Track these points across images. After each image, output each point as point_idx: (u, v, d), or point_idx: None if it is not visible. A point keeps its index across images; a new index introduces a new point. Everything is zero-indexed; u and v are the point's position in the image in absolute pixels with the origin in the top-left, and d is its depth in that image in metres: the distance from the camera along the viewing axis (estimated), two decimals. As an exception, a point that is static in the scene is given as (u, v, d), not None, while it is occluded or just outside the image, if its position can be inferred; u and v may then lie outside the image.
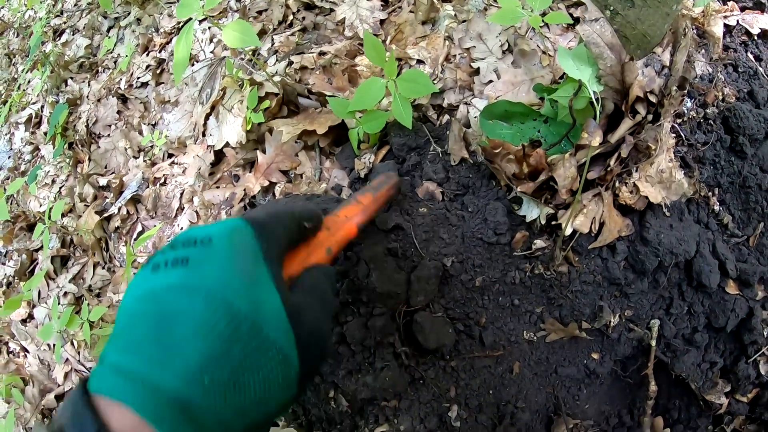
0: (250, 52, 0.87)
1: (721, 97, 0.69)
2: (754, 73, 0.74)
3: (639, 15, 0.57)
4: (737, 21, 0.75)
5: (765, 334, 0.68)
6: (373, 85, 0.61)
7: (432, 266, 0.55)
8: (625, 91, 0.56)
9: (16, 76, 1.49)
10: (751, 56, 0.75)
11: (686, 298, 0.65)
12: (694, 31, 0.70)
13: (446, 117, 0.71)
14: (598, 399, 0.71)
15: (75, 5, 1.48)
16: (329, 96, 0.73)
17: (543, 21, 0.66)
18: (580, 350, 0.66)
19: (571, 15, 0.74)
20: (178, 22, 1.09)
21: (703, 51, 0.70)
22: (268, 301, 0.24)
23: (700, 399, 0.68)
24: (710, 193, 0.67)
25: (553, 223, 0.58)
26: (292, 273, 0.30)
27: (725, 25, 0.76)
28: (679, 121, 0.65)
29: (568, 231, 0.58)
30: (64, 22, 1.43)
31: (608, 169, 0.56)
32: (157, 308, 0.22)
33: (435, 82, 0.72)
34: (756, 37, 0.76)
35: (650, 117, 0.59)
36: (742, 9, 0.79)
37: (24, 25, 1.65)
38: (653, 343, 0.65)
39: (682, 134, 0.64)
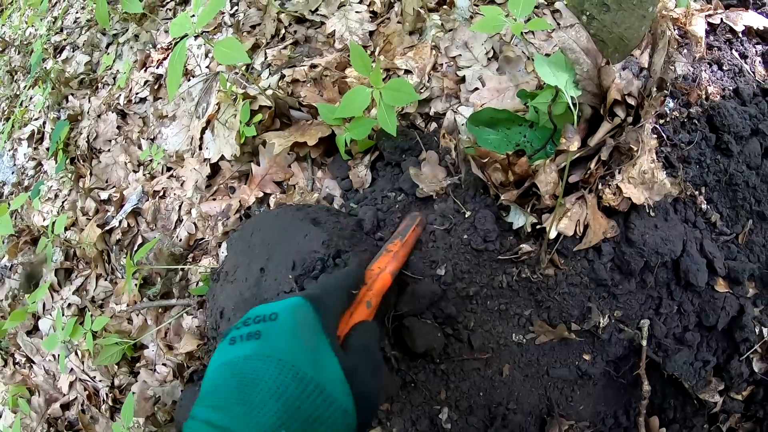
0: (244, 67, 0.91)
1: (704, 96, 0.71)
2: (740, 71, 0.76)
3: (615, 19, 0.60)
4: (721, 19, 0.78)
5: (757, 331, 0.69)
6: (358, 94, 0.64)
7: (429, 288, 0.58)
8: (603, 95, 0.59)
9: (18, 92, 1.56)
10: (736, 54, 0.77)
11: (675, 298, 0.67)
12: (676, 31, 0.73)
13: (433, 125, 0.74)
14: (592, 400, 0.73)
15: (74, 22, 1.55)
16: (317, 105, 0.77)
17: (525, 28, 0.69)
18: (571, 352, 0.68)
19: (556, 21, 0.77)
20: (175, 38, 1.14)
21: (685, 51, 0.73)
22: (328, 365, 0.30)
23: (694, 398, 0.70)
24: (697, 192, 0.69)
25: (538, 227, 0.61)
26: (342, 332, 0.36)
27: (709, 24, 0.78)
28: (661, 121, 0.67)
29: (553, 234, 0.60)
30: (64, 39, 1.50)
31: (589, 172, 0.59)
32: (239, 375, 0.28)
33: (422, 90, 0.76)
34: (740, 35, 0.78)
35: (630, 119, 0.61)
36: (727, 7, 0.81)
37: (25, 43, 1.72)
38: (644, 342, 0.67)
39: (665, 135, 0.67)
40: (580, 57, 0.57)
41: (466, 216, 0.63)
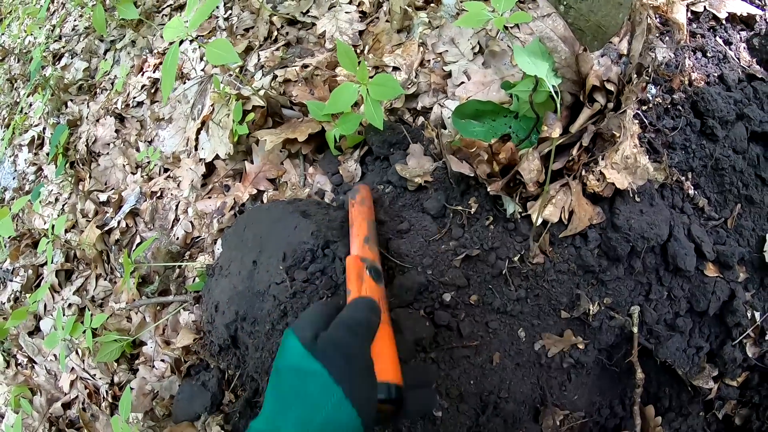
0: (237, 69, 0.95)
1: (688, 82, 0.73)
2: (724, 57, 0.78)
3: (591, 7, 0.62)
4: (704, 7, 0.80)
5: (749, 315, 0.70)
6: (346, 90, 0.67)
7: (415, 279, 0.60)
8: (582, 82, 0.61)
9: (18, 100, 1.61)
10: (720, 40, 0.79)
11: (665, 283, 0.69)
12: (657, 19, 0.75)
13: (421, 119, 0.77)
14: (587, 389, 0.74)
15: (73, 30, 1.60)
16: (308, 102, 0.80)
17: (508, 21, 0.71)
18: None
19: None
20: (170, 43, 1.18)
21: (667, 38, 0.75)
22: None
23: (688, 385, 0.70)
24: (683, 178, 0.71)
25: (523, 214, 0.63)
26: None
27: (692, 12, 0.80)
28: (644, 108, 0.69)
29: (539, 221, 0.62)
30: (63, 47, 1.54)
31: (572, 159, 0.61)
32: None
33: (409, 86, 0.78)
34: (724, 21, 0.80)
35: (612, 105, 0.63)
36: (711, -5, 0.83)
37: (24, 51, 1.78)
38: (635, 329, 0.68)
39: (648, 120, 0.69)
40: (558, 45, 0.59)
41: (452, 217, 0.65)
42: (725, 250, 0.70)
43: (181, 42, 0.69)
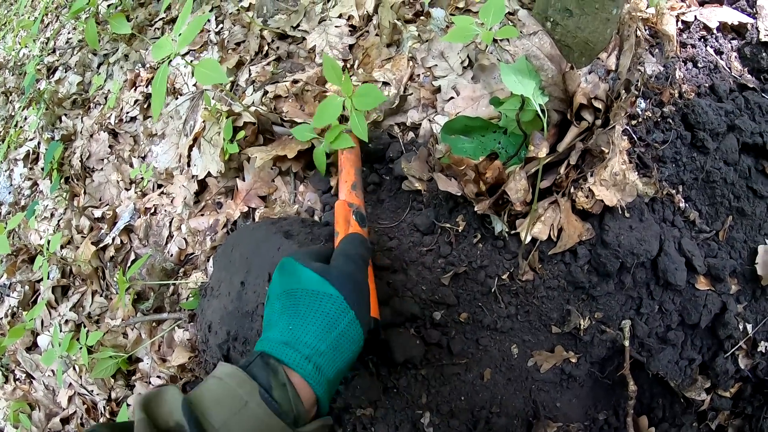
0: (228, 85, 0.96)
1: (678, 95, 0.74)
2: (715, 67, 0.78)
3: (578, 23, 0.63)
4: (695, 17, 0.80)
5: (741, 328, 0.71)
6: (331, 103, 0.67)
7: (409, 308, 0.62)
8: (570, 100, 0.62)
9: (13, 113, 1.64)
10: (711, 50, 0.80)
11: (655, 297, 0.70)
12: (647, 31, 0.76)
13: (411, 134, 0.78)
14: (581, 402, 0.75)
15: (66, 42, 1.62)
16: (299, 122, 0.81)
17: (496, 36, 0.73)
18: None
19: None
20: (161, 62, 1.20)
21: (657, 50, 0.76)
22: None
23: (681, 396, 0.72)
24: (674, 191, 0.72)
25: (512, 232, 0.64)
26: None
27: (683, 22, 0.81)
28: (633, 122, 0.70)
29: (528, 239, 0.63)
30: (57, 60, 1.57)
31: (560, 176, 0.62)
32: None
33: (395, 101, 0.79)
34: (715, 31, 0.80)
35: (600, 122, 0.64)
36: (701, 3, 0.84)
37: (19, 63, 1.80)
38: (626, 343, 0.69)
39: (638, 135, 0.70)
40: (544, 63, 0.60)
41: (444, 236, 0.66)
42: (716, 263, 0.71)
43: (169, 59, 0.71)
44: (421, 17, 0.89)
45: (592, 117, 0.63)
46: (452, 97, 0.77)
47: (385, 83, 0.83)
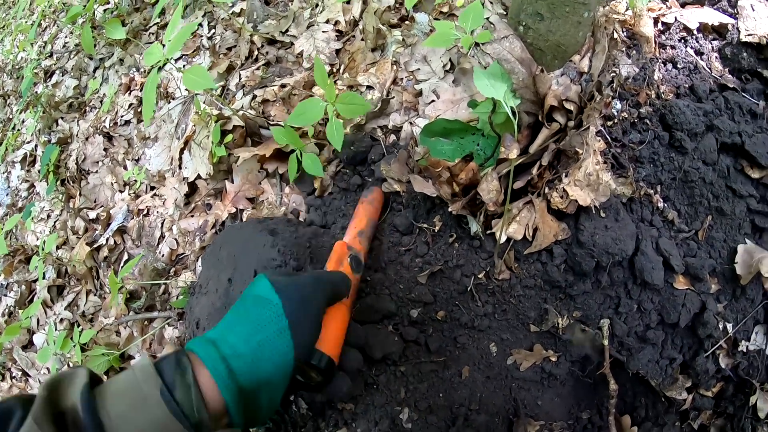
0: (219, 89, 0.99)
1: (655, 95, 0.75)
2: (695, 68, 0.80)
3: (550, 27, 0.65)
4: (675, 18, 0.82)
5: (721, 327, 0.72)
6: (312, 104, 0.68)
7: (385, 305, 0.63)
8: (541, 102, 0.64)
9: (11, 116, 1.68)
10: (691, 51, 0.81)
11: (633, 297, 0.71)
12: (624, 33, 0.77)
13: (392, 137, 0.80)
14: (564, 401, 0.77)
15: (63, 47, 1.66)
16: (272, 125, 0.84)
17: (475, 40, 0.75)
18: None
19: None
20: (157, 62, 1.23)
21: (634, 52, 0.77)
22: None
23: (662, 396, 0.73)
24: (652, 191, 0.73)
25: (488, 232, 0.66)
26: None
27: (663, 23, 0.82)
28: (609, 123, 0.72)
29: (503, 239, 0.65)
30: (54, 64, 1.61)
31: (533, 177, 0.64)
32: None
33: (376, 106, 0.82)
34: (695, 32, 0.82)
35: (572, 123, 0.66)
36: (683, 5, 0.85)
37: (17, 67, 1.85)
38: (606, 342, 0.70)
39: (613, 136, 0.71)
40: (515, 67, 0.62)
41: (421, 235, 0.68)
42: (696, 262, 0.72)
43: (160, 64, 0.73)
44: (406, 22, 0.91)
45: (564, 119, 0.64)
46: (433, 101, 0.79)
47: (369, 87, 0.85)
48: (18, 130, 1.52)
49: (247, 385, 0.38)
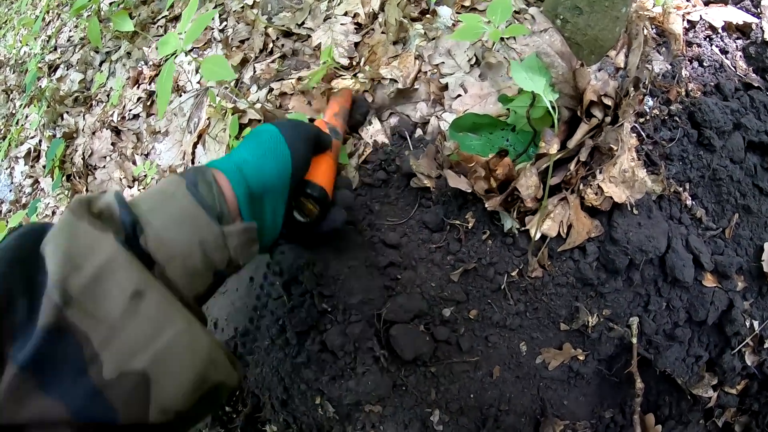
0: (233, 82, 0.96)
1: (684, 93, 0.74)
2: (720, 66, 0.79)
3: (588, 21, 0.63)
4: (700, 16, 0.81)
5: (748, 324, 0.71)
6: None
7: (416, 304, 0.62)
8: (580, 97, 0.62)
9: (14, 111, 1.63)
10: (716, 49, 0.80)
11: (663, 294, 0.70)
12: (653, 30, 0.76)
13: (419, 131, 0.78)
14: (588, 399, 0.75)
15: (68, 40, 1.61)
16: (290, 114, 0.82)
17: (504, 34, 0.73)
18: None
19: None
20: (166, 58, 1.19)
21: (663, 49, 0.76)
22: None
23: (688, 393, 0.72)
24: (681, 189, 0.72)
25: (522, 229, 0.64)
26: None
27: (688, 21, 0.81)
28: (641, 120, 0.70)
29: (537, 236, 0.63)
30: (59, 58, 1.56)
31: (569, 173, 0.62)
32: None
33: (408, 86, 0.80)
34: (720, 30, 0.81)
35: (609, 119, 0.65)
36: (706, 3, 0.84)
37: (20, 62, 1.79)
38: (634, 340, 0.69)
39: (645, 133, 0.70)
40: (555, 60, 0.60)
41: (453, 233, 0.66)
42: (723, 260, 0.71)
43: (175, 55, 0.71)
44: (427, 15, 0.89)
45: (602, 114, 0.63)
46: (460, 95, 0.77)
47: (393, 80, 0.83)
48: (21, 125, 1.47)
49: (255, 186, 0.43)
